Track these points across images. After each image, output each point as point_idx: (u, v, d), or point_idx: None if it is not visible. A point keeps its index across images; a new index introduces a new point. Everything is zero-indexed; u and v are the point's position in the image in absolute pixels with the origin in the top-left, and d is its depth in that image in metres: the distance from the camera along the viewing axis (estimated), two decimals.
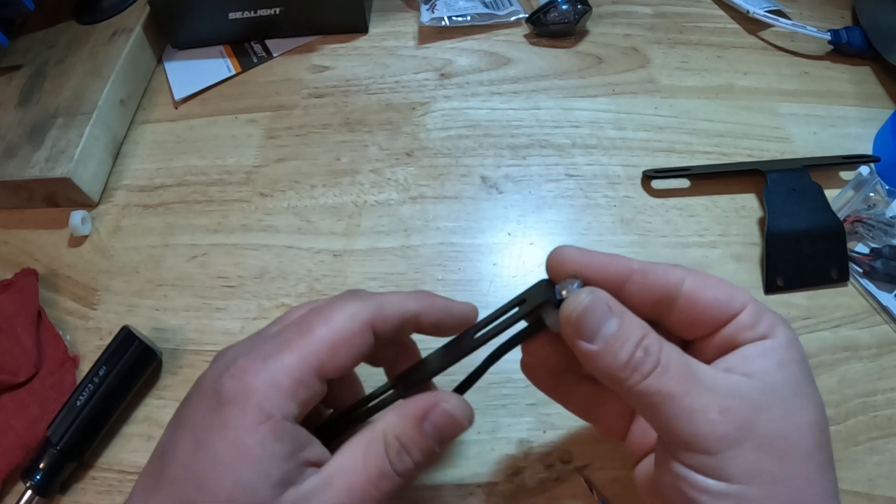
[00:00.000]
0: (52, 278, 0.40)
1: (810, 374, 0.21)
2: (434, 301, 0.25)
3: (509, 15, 0.50)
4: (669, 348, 0.20)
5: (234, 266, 0.40)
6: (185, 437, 0.21)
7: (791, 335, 0.21)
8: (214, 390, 0.21)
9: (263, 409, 0.20)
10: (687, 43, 0.49)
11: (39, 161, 0.41)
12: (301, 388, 0.21)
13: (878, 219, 0.37)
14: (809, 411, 0.20)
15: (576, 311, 0.21)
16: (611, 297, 0.21)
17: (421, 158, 0.43)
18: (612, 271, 0.22)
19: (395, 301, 0.24)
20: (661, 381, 0.20)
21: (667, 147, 0.43)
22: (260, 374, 0.21)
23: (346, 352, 0.22)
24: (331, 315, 0.22)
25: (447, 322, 0.25)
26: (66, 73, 0.46)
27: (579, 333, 0.21)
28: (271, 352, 0.21)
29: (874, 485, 0.30)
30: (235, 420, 0.20)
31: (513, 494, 0.31)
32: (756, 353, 0.21)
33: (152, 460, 0.22)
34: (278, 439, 0.20)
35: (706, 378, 0.20)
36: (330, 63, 0.49)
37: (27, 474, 0.31)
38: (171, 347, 0.37)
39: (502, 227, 0.40)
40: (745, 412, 0.19)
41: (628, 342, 0.20)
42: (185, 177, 0.44)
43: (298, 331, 0.22)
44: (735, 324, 0.22)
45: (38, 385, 0.35)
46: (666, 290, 0.22)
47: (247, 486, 0.20)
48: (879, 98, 0.45)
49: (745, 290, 0.22)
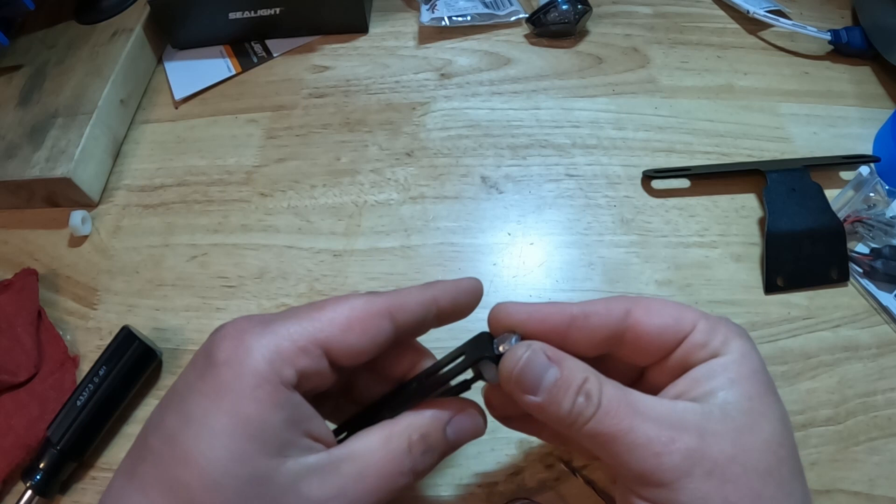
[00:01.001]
0: (52, 278, 0.40)
1: (767, 387, 0.21)
2: (444, 285, 0.24)
3: (509, 15, 0.50)
4: (610, 388, 0.20)
5: (234, 266, 0.40)
6: (172, 407, 0.19)
7: (745, 347, 0.21)
8: (206, 354, 0.20)
9: (260, 372, 0.19)
10: (687, 43, 0.49)
11: (39, 161, 0.41)
12: (303, 357, 0.20)
13: (878, 219, 0.37)
14: (763, 429, 0.20)
15: (515, 366, 0.21)
16: (548, 346, 0.22)
17: (421, 158, 0.43)
18: (552, 322, 0.22)
19: (412, 293, 0.23)
20: (605, 423, 0.20)
21: (667, 147, 0.43)
22: (260, 337, 0.19)
23: (359, 332, 0.21)
24: (346, 298, 0.22)
25: (462, 299, 0.24)
26: (67, 73, 0.46)
27: (521, 388, 0.21)
28: (276, 318, 0.20)
29: (874, 485, 0.30)
30: (229, 384, 0.19)
31: (513, 494, 0.31)
32: (705, 374, 0.21)
33: (136, 439, 0.20)
34: (277, 405, 0.19)
35: (649, 411, 0.20)
36: (330, 63, 0.49)
37: (27, 474, 0.31)
38: (171, 347, 0.37)
39: (502, 227, 0.40)
40: (690, 441, 0.19)
41: (570, 390, 0.20)
42: (186, 177, 0.44)
43: (310, 307, 0.21)
44: (686, 345, 0.22)
45: (38, 385, 0.35)
46: (610, 329, 0.22)
47: (242, 455, 0.18)
48: (879, 98, 0.45)
49: (693, 309, 0.22)
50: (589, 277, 0.38)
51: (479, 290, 0.25)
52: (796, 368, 0.34)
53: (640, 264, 0.38)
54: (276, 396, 0.19)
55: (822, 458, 0.31)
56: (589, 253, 0.38)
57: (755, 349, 0.22)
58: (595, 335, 0.22)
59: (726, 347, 0.21)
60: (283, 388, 0.19)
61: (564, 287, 0.37)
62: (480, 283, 0.25)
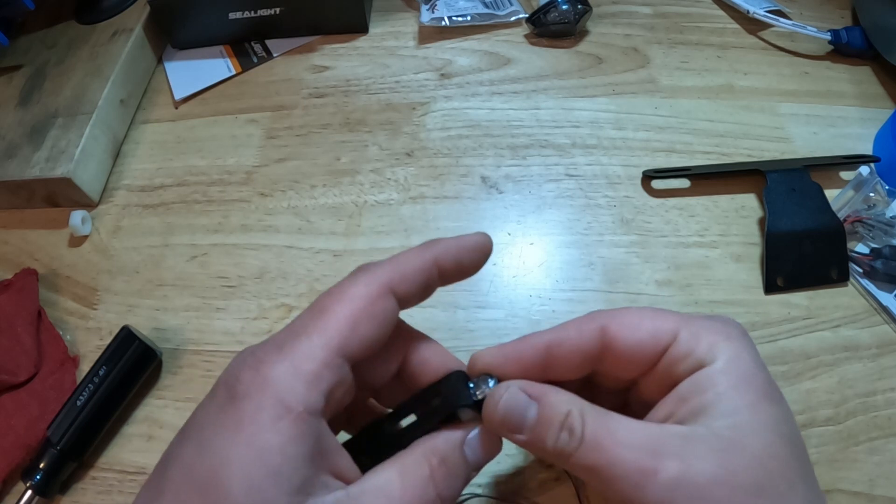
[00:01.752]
0: (52, 278, 0.40)
1: (759, 394, 0.20)
2: (446, 243, 0.23)
3: (509, 15, 0.50)
4: (593, 419, 0.20)
5: (234, 266, 0.40)
6: (191, 438, 0.19)
7: (733, 351, 0.20)
8: (227, 385, 0.19)
9: (283, 401, 0.18)
10: (687, 43, 0.49)
11: (39, 161, 0.41)
12: (326, 373, 0.19)
13: (878, 219, 0.37)
14: (751, 444, 0.19)
15: (497, 412, 0.21)
16: (528, 383, 0.21)
17: (421, 158, 0.43)
18: (527, 360, 0.22)
19: (409, 258, 0.22)
20: (588, 457, 0.20)
21: (667, 147, 0.43)
22: (277, 364, 0.19)
23: (367, 323, 0.20)
24: (342, 291, 0.21)
25: (467, 257, 0.23)
26: (67, 73, 0.46)
27: (506, 429, 0.21)
28: (286, 339, 0.20)
29: (874, 485, 0.30)
30: (250, 416, 0.18)
31: (513, 494, 0.31)
32: (691, 389, 0.20)
33: (155, 468, 0.20)
34: (300, 438, 0.18)
35: (631, 441, 0.19)
36: (330, 63, 0.49)
37: (27, 474, 0.31)
38: (171, 347, 0.37)
39: (502, 227, 0.40)
40: (673, 468, 0.18)
41: (552, 427, 0.20)
42: (186, 177, 0.44)
43: (312, 314, 0.20)
44: (668, 357, 0.21)
45: (38, 385, 0.35)
46: (586, 351, 0.22)
47: (260, 492, 0.17)
48: (879, 98, 0.45)
49: (674, 316, 0.22)
50: (589, 277, 0.38)
51: (486, 245, 0.24)
52: (796, 368, 0.34)
53: (640, 264, 0.38)
54: (298, 428, 0.18)
55: (822, 458, 0.31)
56: (589, 253, 0.38)
57: (747, 349, 0.21)
58: (573, 360, 0.22)
59: (712, 354, 0.20)
60: (307, 418, 0.18)
61: (564, 287, 0.37)
62: (487, 237, 0.24)
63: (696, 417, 0.20)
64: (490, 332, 0.36)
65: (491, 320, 0.36)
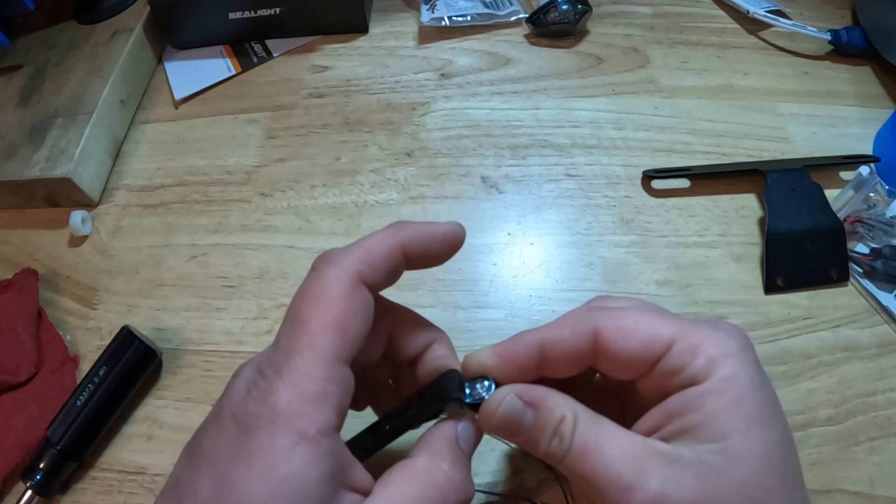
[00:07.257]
0: (52, 278, 0.40)
1: (751, 420, 0.19)
2: (414, 229, 0.23)
3: (509, 15, 0.50)
4: (584, 427, 0.20)
5: (234, 266, 0.40)
6: (204, 472, 0.19)
7: (731, 371, 0.20)
8: (235, 418, 0.19)
9: (295, 428, 0.18)
10: (687, 43, 0.49)
11: (39, 161, 0.41)
12: (330, 388, 0.19)
13: (878, 219, 0.37)
14: (736, 472, 0.18)
15: (493, 417, 0.22)
16: (524, 387, 0.22)
17: (421, 158, 0.43)
18: (522, 361, 0.22)
19: (375, 244, 0.22)
20: (575, 465, 0.20)
21: (667, 147, 0.43)
22: (281, 391, 0.19)
23: (352, 322, 0.20)
24: (316, 295, 0.20)
25: (435, 248, 0.23)
26: (67, 73, 0.46)
27: (503, 433, 0.22)
28: (281, 361, 0.19)
29: (874, 485, 0.30)
30: (265, 447, 0.18)
31: (513, 494, 0.31)
32: (680, 407, 0.20)
33: (165, 496, 0.20)
34: (316, 461, 0.18)
35: (617, 453, 0.20)
36: (330, 63, 0.49)
37: (27, 474, 0.31)
38: (171, 347, 0.37)
39: (502, 227, 0.40)
40: (652, 488, 0.19)
41: (545, 432, 0.21)
42: (186, 177, 0.44)
43: (293, 327, 0.20)
44: (661, 368, 0.21)
45: (38, 385, 0.35)
46: (578, 353, 0.22)
47: None
48: (879, 98, 0.45)
49: (674, 322, 0.21)
50: (589, 277, 0.38)
51: (456, 236, 0.23)
52: (796, 368, 0.34)
53: (640, 264, 0.38)
54: (314, 451, 0.18)
55: (822, 458, 0.31)
56: (589, 253, 0.38)
57: (745, 367, 0.20)
58: (566, 361, 0.22)
59: (706, 371, 0.20)
60: (321, 439, 0.18)
61: (564, 287, 0.37)
62: (459, 227, 0.23)
63: (682, 437, 0.20)
64: (490, 333, 0.36)
65: (491, 320, 0.36)
